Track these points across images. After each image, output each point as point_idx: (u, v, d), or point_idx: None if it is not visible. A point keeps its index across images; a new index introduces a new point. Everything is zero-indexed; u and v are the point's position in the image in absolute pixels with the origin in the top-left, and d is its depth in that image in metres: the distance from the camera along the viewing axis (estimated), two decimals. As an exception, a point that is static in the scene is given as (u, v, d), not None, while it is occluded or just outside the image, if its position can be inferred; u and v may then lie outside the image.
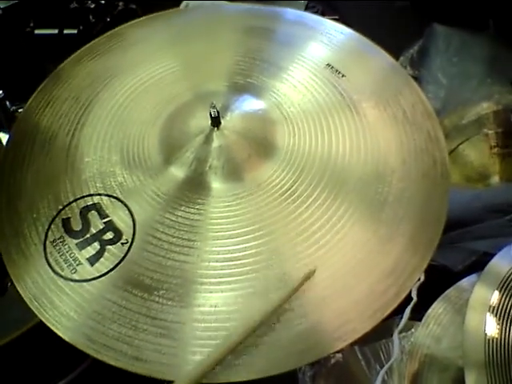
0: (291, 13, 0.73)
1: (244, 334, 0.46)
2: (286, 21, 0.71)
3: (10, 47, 0.91)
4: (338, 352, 0.76)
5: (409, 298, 0.48)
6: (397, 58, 1.05)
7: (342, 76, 0.63)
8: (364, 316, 0.47)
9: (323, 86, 0.62)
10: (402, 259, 0.49)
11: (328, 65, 0.64)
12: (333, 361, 0.77)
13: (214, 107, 0.55)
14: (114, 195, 0.55)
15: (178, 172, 0.56)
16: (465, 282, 0.69)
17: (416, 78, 1.06)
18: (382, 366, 0.74)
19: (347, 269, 0.49)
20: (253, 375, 0.45)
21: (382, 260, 0.49)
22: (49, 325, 0.49)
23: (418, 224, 0.52)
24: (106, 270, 0.51)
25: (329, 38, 0.68)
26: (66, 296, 0.50)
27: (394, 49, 0.67)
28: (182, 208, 0.53)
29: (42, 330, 0.49)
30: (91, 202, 0.55)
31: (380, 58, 0.66)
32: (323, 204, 0.53)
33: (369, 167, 0.55)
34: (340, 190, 0.54)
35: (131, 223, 0.53)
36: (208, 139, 0.56)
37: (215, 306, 0.48)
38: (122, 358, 0.47)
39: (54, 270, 0.51)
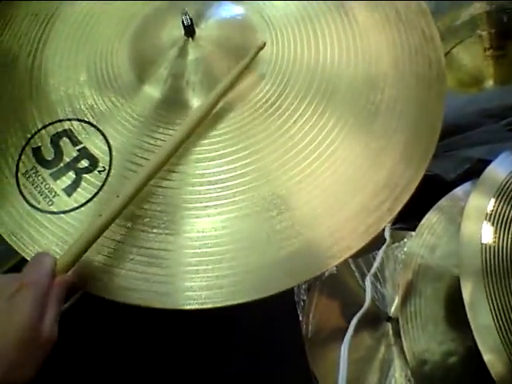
0: None
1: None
2: None
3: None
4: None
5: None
6: None
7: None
8: (357, 232, 0.46)
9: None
10: (396, 172, 0.47)
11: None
12: (327, 273, 0.78)
13: (186, 14, 0.50)
14: (86, 119, 0.51)
15: (152, 90, 0.52)
16: (459, 191, 0.68)
17: None
18: (376, 277, 0.75)
19: (338, 185, 0.47)
20: (248, 297, 0.45)
21: (374, 174, 0.48)
22: (29, 259, 0.47)
23: (412, 134, 0.49)
24: (84, 200, 0.48)
25: None
26: (46, 229, 0.48)
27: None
28: (161, 130, 0.50)
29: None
30: (61, 129, 0.51)
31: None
32: (312, 117, 0.50)
33: (359, 73, 0.52)
34: (329, 101, 0.51)
35: (107, 149, 0.50)
36: (182, 52, 0.52)
37: (203, 232, 0.47)
38: (110, 289, 0.46)
39: (29, 203, 0.49)
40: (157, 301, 0.45)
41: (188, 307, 0.45)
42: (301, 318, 0.77)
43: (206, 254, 0.46)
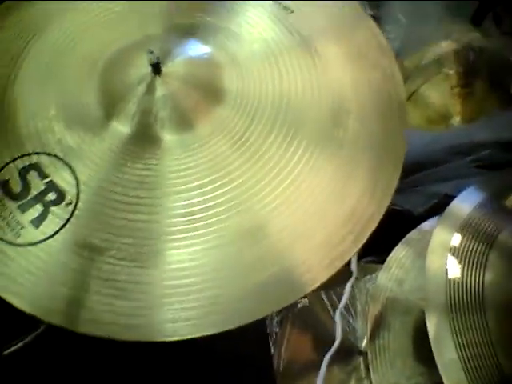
0: None
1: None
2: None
3: None
4: (304, 297, 0.77)
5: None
6: None
7: (291, 12, 0.60)
8: (323, 264, 0.46)
9: (271, 23, 0.60)
10: (359, 205, 0.49)
11: (276, 2, 0.61)
12: (299, 305, 0.78)
13: (151, 53, 0.51)
14: (54, 153, 0.52)
15: (121, 126, 0.53)
16: (426, 225, 0.70)
17: (375, 18, 1.03)
18: (347, 309, 0.75)
19: (307, 215, 0.48)
20: (215, 329, 0.45)
21: (339, 206, 0.49)
22: (-4, 292, 0.47)
23: (375, 167, 0.51)
24: (51, 233, 0.48)
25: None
26: (12, 261, 0.48)
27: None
28: (129, 164, 0.51)
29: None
30: (29, 162, 0.52)
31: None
32: (279, 149, 0.51)
33: (323, 107, 0.54)
34: (295, 134, 0.52)
35: (74, 183, 0.50)
36: (150, 88, 0.53)
37: (170, 264, 0.47)
38: (74, 322, 0.45)
39: (-4, 236, 0.49)
40: (123, 333, 0.45)
41: (154, 339, 0.45)
42: (273, 351, 0.76)
43: (172, 286, 0.46)
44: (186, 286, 0.46)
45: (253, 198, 0.49)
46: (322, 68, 0.56)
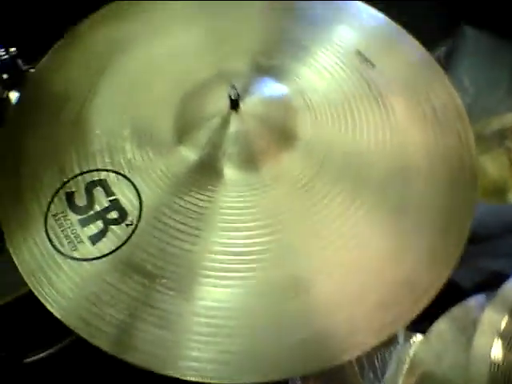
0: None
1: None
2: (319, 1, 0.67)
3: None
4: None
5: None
6: None
7: (372, 66, 0.59)
8: (373, 329, 0.45)
9: (351, 74, 0.59)
10: (418, 272, 0.47)
11: (358, 52, 0.61)
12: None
13: (234, 88, 0.52)
14: (122, 172, 0.53)
15: (189, 154, 0.53)
16: (472, 301, 0.67)
17: None
18: (375, 375, 0.73)
19: (359, 276, 0.47)
20: (252, 378, 0.44)
21: (396, 271, 0.47)
22: (43, 301, 0.48)
23: (439, 233, 0.49)
24: (107, 251, 0.49)
25: (360, 23, 0.64)
26: (64, 274, 0.48)
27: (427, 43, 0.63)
28: (192, 193, 0.51)
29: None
30: (97, 178, 0.53)
31: (413, 49, 0.63)
32: (342, 204, 0.50)
33: (392, 166, 0.53)
34: (360, 189, 0.51)
35: (138, 204, 0.51)
36: (225, 123, 0.54)
37: (217, 302, 0.46)
38: (114, 345, 0.45)
39: (53, 246, 0.50)
40: (160, 366, 0.44)
41: (191, 378, 0.44)
42: None
43: (217, 325, 0.45)
44: (229, 327, 0.45)
45: (303, 250, 0.48)
46: (395, 125, 0.55)
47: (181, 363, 0.44)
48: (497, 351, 0.54)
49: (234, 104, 0.53)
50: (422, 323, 0.68)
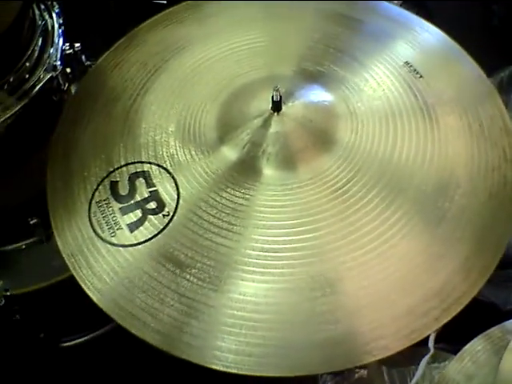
0: (385, 6, 0.68)
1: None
2: (376, 13, 0.67)
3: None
4: (364, 367, 0.74)
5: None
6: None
7: (420, 77, 0.59)
8: (399, 334, 0.44)
9: (397, 84, 0.59)
10: (451, 282, 0.46)
11: (406, 63, 0.60)
12: (357, 376, 0.74)
13: (277, 90, 0.53)
14: (164, 166, 0.54)
15: (230, 152, 0.54)
16: (510, 324, 0.64)
17: (504, 103, 1.00)
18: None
19: (390, 281, 0.46)
20: (274, 372, 0.44)
21: (428, 279, 0.46)
22: (81, 283, 0.50)
23: (474, 247, 0.48)
24: (143, 239, 0.50)
25: (414, 36, 0.64)
26: (102, 258, 0.50)
27: (484, 69, 0.62)
28: (229, 190, 0.52)
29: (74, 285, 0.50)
30: (141, 169, 0.55)
31: (465, 64, 0.62)
32: (376, 209, 0.50)
33: (432, 177, 0.52)
34: (396, 196, 0.51)
35: (176, 196, 0.52)
36: (266, 123, 0.55)
37: (244, 295, 0.47)
38: (144, 329, 0.46)
39: (94, 230, 0.52)
40: (184, 352, 0.45)
41: (213, 366, 0.44)
42: None
43: (242, 317, 0.46)
44: (254, 320, 0.45)
45: (337, 251, 0.48)
46: (438, 137, 0.55)
47: (205, 351, 0.45)
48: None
49: (277, 106, 0.54)
50: (455, 344, 0.66)
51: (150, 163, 0.55)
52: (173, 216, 0.51)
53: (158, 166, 0.54)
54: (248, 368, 0.44)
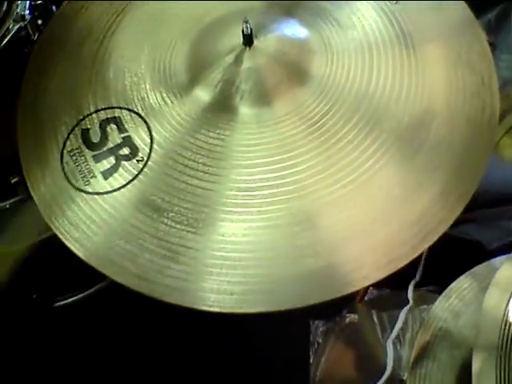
0: None
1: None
2: None
3: None
4: (354, 312, 0.75)
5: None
6: None
7: (395, 2, 0.57)
8: (378, 264, 0.45)
9: (373, 12, 0.58)
10: (429, 210, 0.46)
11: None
12: (348, 320, 0.76)
13: (247, 22, 0.51)
14: (135, 110, 0.54)
15: (202, 93, 0.54)
16: (497, 262, 0.65)
17: (491, 44, 0.99)
18: (396, 335, 0.72)
19: (368, 213, 0.47)
20: (256, 308, 0.45)
21: (406, 209, 0.47)
22: (57, 233, 0.50)
23: (452, 174, 0.48)
24: (118, 186, 0.50)
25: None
26: (77, 207, 0.50)
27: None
28: (203, 131, 0.52)
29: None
30: (112, 115, 0.54)
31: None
32: (353, 141, 0.50)
33: (409, 107, 0.51)
34: (373, 128, 0.50)
35: (149, 141, 0.52)
36: (238, 59, 0.53)
37: (223, 235, 0.47)
38: (124, 275, 0.47)
39: (68, 180, 0.51)
40: (167, 295, 0.46)
41: (195, 306, 0.45)
42: (312, 360, 0.75)
43: (222, 257, 0.46)
44: (234, 259, 0.46)
45: (317, 184, 0.48)
46: (415, 65, 0.54)
47: (187, 293, 0.46)
48: (511, 307, 0.52)
49: (248, 39, 0.53)
50: (443, 285, 0.68)
51: (120, 108, 0.54)
52: (147, 161, 0.51)
53: (129, 110, 0.54)
54: (230, 306, 0.44)
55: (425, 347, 0.62)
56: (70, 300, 0.79)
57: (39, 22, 0.67)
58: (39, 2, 0.66)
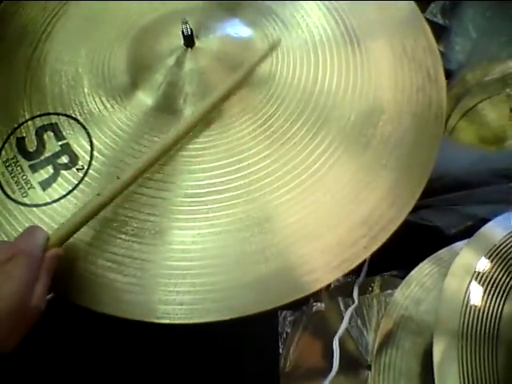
0: None
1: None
2: None
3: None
4: (319, 301, 0.76)
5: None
6: (428, 3, 1.00)
7: (340, -1, 0.58)
8: (330, 266, 0.45)
9: (317, 9, 0.58)
10: (378, 210, 0.47)
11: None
12: (314, 309, 0.77)
13: (186, 23, 0.50)
14: (73, 116, 0.52)
15: (144, 96, 0.53)
16: (457, 246, 0.67)
17: (445, 28, 1.01)
18: (363, 321, 0.74)
19: (317, 215, 0.47)
20: (208, 317, 0.44)
21: (355, 208, 0.47)
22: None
23: (401, 172, 0.49)
24: (58, 197, 0.49)
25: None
26: (15, 220, 0.49)
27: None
28: (146, 136, 0.51)
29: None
30: (48, 122, 0.52)
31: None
32: (300, 142, 0.50)
33: (356, 105, 0.52)
34: (321, 127, 0.51)
35: (89, 149, 0.50)
36: (180, 61, 0.53)
37: (170, 244, 0.46)
38: (67, 289, 0.46)
39: (4, 192, 0.50)
40: (114, 308, 0.45)
41: (144, 319, 0.44)
42: (281, 351, 0.75)
43: (170, 267, 0.45)
44: (183, 268, 0.45)
45: (265, 188, 0.48)
46: (361, 62, 0.55)
47: (134, 306, 0.45)
48: (471, 293, 0.54)
49: (188, 40, 0.52)
50: (407, 269, 0.69)
51: (57, 114, 0.52)
52: (88, 169, 0.50)
53: (67, 116, 0.52)
54: (180, 317, 0.44)
55: (388, 335, 0.63)
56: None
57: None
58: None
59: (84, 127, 0.51)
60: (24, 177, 0.50)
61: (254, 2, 0.59)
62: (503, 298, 0.52)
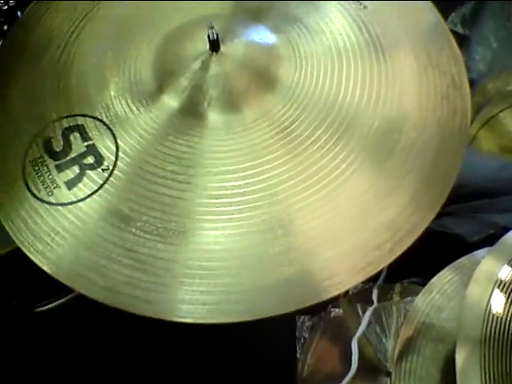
0: None
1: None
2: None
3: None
4: (338, 306, 0.76)
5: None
6: (448, 13, 1.01)
7: (364, 7, 0.59)
8: (353, 270, 0.46)
9: (342, 18, 0.59)
10: (401, 215, 0.47)
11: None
12: (332, 315, 0.77)
13: (212, 28, 0.52)
14: (99, 118, 0.53)
15: (169, 100, 0.54)
16: (478, 254, 0.67)
17: (466, 38, 1.02)
18: (381, 328, 0.74)
19: (340, 219, 0.48)
20: (230, 318, 0.45)
21: (379, 213, 0.48)
22: (21, 247, 0.49)
23: (425, 178, 0.49)
24: (83, 196, 0.50)
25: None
26: (41, 218, 0.50)
27: (446, 3, 0.62)
28: (171, 138, 0.52)
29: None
30: (74, 123, 0.53)
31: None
32: (323, 147, 0.51)
33: (379, 112, 0.53)
34: (344, 133, 0.51)
35: (114, 150, 0.52)
36: (205, 65, 0.54)
37: (194, 244, 0.47)
38: (91, 288, 0.46)
39: (30, 191, 0.51)
40: (136, 307, 0.46)
41: (167, 318, 0.45)
42: (298, 356, 0.76)
43: (193, 267, 0.46)
44: (206, 268, 0.46)
45: (286, 192, 0.48)
46: (385, 69, 0.55)
47: (157, 305, 0.46)
48: (494, 301, 0.54)
49: (214, 45, 0.53)
50: (427, 277, 0.69)
51: (84, 116, 0.54)
52: (113, 170, 0.51)
53: (93, 118, 0.53)
54: (203, 316, 0.45)
55: (409, 341, 0.64)
56: (51, 305, 0.78)
57: (5, 27, 0.66)
58: (5, 7, 0.66)
59: (110, 129, 0.53)
60: (50, 176, 0.51)
61: (279, 9, 0.60)
62: (526, 307, 0.52)
